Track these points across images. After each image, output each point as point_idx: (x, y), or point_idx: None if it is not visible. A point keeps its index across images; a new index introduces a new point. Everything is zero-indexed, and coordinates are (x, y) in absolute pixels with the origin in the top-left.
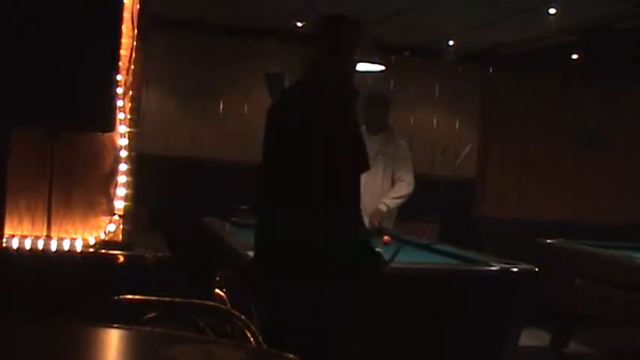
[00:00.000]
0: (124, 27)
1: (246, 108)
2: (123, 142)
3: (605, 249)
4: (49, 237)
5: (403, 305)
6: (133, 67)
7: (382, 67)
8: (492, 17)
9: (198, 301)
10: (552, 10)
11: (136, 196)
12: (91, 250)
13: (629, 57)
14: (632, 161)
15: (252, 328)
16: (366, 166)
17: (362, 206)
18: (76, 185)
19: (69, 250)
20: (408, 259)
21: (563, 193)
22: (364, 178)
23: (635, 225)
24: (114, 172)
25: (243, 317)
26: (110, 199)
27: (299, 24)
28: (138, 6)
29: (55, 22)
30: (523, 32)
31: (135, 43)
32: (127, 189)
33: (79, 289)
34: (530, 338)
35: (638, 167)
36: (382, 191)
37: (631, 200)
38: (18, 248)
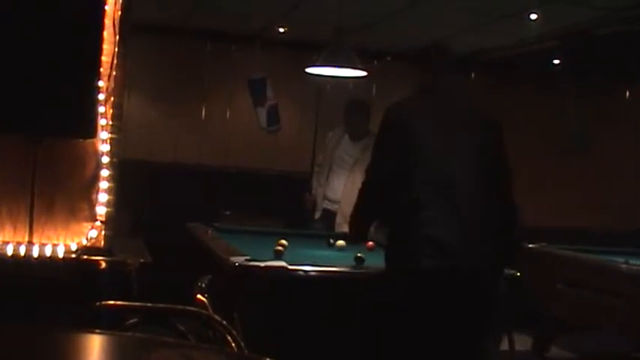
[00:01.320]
0: (105, 33)
1: (228, 113)
2: (105, 148)
3: (586, 254)
4: (30, 243)
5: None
6: (114, 73)
7: (364, 73)
8: (474, 23)
9: (180, 307)
10: (534, 16)
11: (118, 202)
12: (73, 256)
13: (610, 62)
14: (613, 166)
15: (234, 333)
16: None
17: (344, 213)
18: (58, 191)
19: (51, 256)
20: None
21: (545, 198)
22: (345, 185)
23: (616, 230)
24: (96, 178)
25: (224, 323)
26: (92, 205)
27: (281, 30)
28: (120, 12)
29: (37, 28)
30: (505, 38)
31: (117, 49)
32: (109, 195)
33: (61, 295)
34: None
35: (619, 172)
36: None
37: (612, 205)
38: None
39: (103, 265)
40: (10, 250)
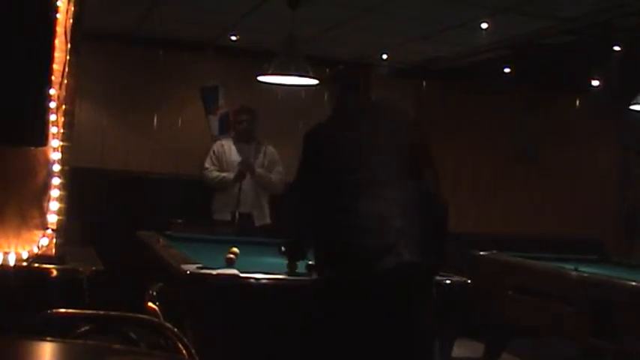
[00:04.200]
0: (57, 41)
1: (180, 121)
2: (56, 156)
3: (536, 261)
4: None
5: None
6: (66, 81)
7: (316, 81)
8: (425, 31)
9: (131, 314)
10: (484, 25)
11: (70, 210)
12: (24, 264)
13: (560, 71)
14: (562, 173)
15: (185, 340)
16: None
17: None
18: (9, 199)
19: (2, 265)
20: None
21: (495, 206)
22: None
23: (566, 237)
24: (47, 186)
25: (176, 330)
26: (43, 213)
27: (233, 37)
28: (71, 20)
29: None
30: (456, 46)
31: (68, 57)
32: (60, 203)
33: (13, 303)
34: (464, 350)
35: (568, 179)
36: (255, 196)
37: (562, 212)
38: None
39: (55, 273)
40: None
